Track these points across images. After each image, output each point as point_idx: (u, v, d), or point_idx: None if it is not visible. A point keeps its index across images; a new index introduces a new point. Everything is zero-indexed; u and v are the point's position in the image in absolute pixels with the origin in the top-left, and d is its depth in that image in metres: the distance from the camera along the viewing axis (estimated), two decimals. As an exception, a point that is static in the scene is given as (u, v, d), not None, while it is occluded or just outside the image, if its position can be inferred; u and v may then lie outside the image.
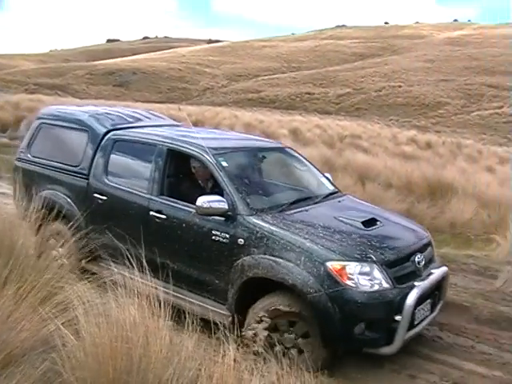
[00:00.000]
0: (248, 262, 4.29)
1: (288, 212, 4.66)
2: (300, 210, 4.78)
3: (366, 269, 4.09)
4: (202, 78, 78.89)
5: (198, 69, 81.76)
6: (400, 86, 65.28)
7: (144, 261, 3.64)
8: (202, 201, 4.45)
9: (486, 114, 54.23)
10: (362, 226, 4.57)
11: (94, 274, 4.32)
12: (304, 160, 5.98)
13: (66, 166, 5.81)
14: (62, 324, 2.93)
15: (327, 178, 5.83)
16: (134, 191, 5.18)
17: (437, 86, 64.64)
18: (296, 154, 6.01)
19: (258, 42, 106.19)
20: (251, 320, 4.20)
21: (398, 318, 4.05)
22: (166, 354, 2.80)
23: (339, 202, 5.31)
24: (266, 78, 77.41)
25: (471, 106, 58.29)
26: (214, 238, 4.51)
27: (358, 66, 78.21)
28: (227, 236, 4.45)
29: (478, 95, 61.33)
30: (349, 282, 4.00)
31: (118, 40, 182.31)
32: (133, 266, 3.60)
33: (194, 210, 4.57)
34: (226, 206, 4.47)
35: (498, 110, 54.81)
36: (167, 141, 5.19)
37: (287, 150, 6.09)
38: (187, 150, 5.03)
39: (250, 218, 4.44)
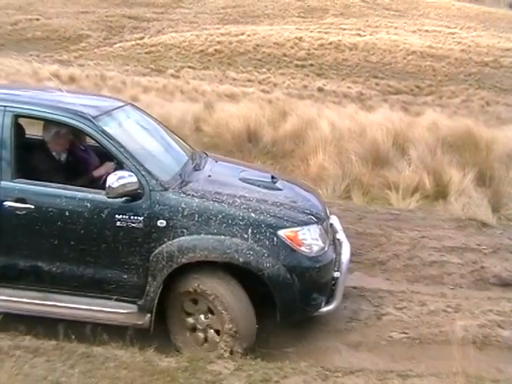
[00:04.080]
0: (178, 247, 3.68)
1: (195, 182, 4.10)
2: (202, 177, 4.26)
3: (314, 231, 3.93)
4: None
5: None
6: (38, 19, 61.84)
7: None
8: (113, 180, 3.63)
9: (128, 45, 54.92)
10: (278, 187, 4.38)
11: None
12: (149, 117, 5.20)
13: None
14: None
15: (176, 134, 5.27)
16: None
17: (77, 18, 63.21)
18: (140, 111, 5.17)
19: None
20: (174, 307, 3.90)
21: (336, 274, 4.05)
22: None
23: (216, 162, 4.90)
24: None
25: (113, 38, 58.57)
26: (119, 224, 3.73)
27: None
28: (140, 219, 3.71)
29: (119, 27, 62.06)
30: (303, 249, 3.81)
31: None
32: None
33: (79, 193, 3.81)
34: (137, 182, 3.73)
35: (140, 41, 55.96)
36: (11, 104, 4.00)
37: (132, 106, 5.17)
38: (50, 116, 4.00)
39: (168, 193, 3.78)
